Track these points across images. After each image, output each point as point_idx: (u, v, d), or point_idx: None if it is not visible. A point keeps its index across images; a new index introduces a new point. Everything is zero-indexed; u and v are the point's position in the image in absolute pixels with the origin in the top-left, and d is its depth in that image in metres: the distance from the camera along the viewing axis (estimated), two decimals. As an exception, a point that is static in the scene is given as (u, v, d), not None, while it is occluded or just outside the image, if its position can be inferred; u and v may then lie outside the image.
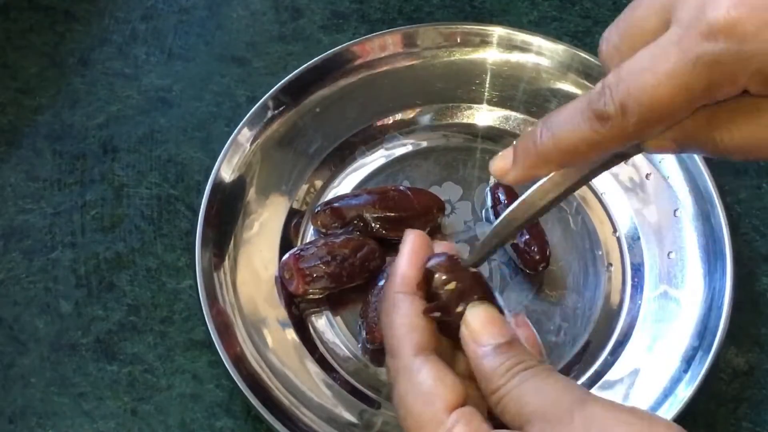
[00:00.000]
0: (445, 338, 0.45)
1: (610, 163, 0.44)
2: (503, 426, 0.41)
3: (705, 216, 0.64)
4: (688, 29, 0.38)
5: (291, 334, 0.61)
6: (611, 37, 0.42)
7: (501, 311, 0.44)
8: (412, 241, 0.45)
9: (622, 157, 0.44)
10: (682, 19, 0.39)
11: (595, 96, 0.40)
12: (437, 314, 0.44)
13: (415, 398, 0.41)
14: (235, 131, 0.65)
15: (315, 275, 0.61)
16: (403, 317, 0.43)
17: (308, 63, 0.68)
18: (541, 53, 0.70)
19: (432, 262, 0.45)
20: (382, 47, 0.69)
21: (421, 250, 0.45)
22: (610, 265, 0.65)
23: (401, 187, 0.65)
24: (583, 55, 0.69)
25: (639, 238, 0.65)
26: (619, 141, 0.41)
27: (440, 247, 0.47)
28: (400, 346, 0.43)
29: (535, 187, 0.46)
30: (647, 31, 0.40)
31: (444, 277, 0.44)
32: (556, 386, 0.40)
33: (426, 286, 0.44)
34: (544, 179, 0.45)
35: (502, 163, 0.44)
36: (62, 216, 0.66)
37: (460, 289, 0.44)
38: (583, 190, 0.67)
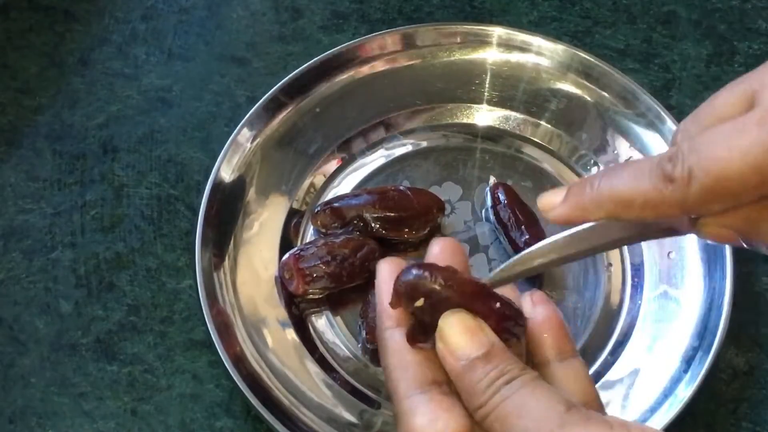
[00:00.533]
0: None
1: (654, 234, 0.43)
2: None
3: (705, 216, 0.63)
4: None
5: (291, 334, 0.61)
6: (688, 127, 0.42)
7: (503, 309, 0.42)
8: (385, 272, 0.44)
9: (671, 232, 0.42)
10: (766, 102, 0.38)
11: (665, 157, 0.39)
12: (424, 344, 0.42)
13: None
14: (235, 131, 0.65)
15: (315, 275, 0.61)
16: (392, 356, 0.42)
17: (308, 63, 0.68)
18: (541, 53, 0.70)
19: (398, 282, 0.42)
20: (382, 47, 0.69)
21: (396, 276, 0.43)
22: (610, 265, 0.64)
23: (401, 187, 0.65)
24: (583, 55, 0.69)
25: (639, 238, 0.65)
26: (677, 207, 0.39)
27: (437, 245, 0.45)
28: (394, 390, 0.42)
29: (568, 232, 0.44)
30: (727, 117, 0.40)
31: (411, 295, 0.41)
32: (539, 405, 0.39)
33: (402, 307, 0.42)
34: (582, 228, 0.43)
35: (551, 198, 0.43)
36: (62, 216, 0.66)
37: (431, 303, 0.41)
38: (583, 190, 0.67)
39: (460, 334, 0.41)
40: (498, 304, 0.42)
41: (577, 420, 0.38)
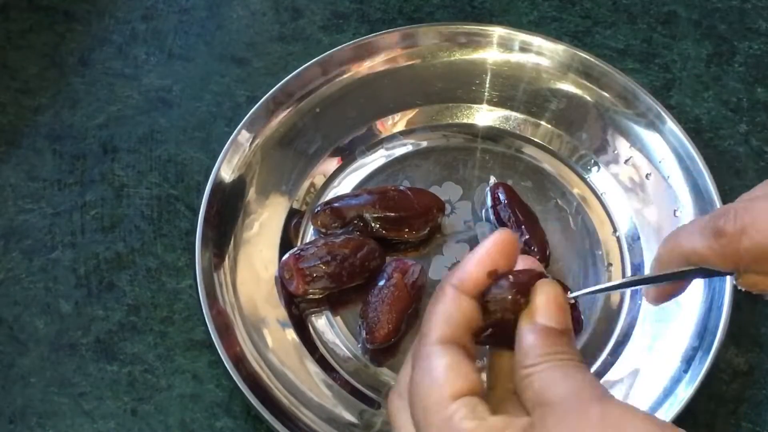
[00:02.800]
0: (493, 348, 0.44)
1: (705, 274, 0.46)
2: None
3: (705, 216, 0.63)
4: None
5: (291, 334, 0.61)
6: (742, 196, 0.46)
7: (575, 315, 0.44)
8: (495, 242, 0.43)
9: (712, 274, 0.46)
10: None
11: (719, 213, 0.43)
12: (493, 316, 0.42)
13: (424, 381, 0.41)
14: (235, 131, 0.65)
15: (315, 275, 0.61)
16: (443, 307, 0.42)
17: (308, 63, 0.68)
18: (541, 53, 0.70)
19: (489, 296, 0.43)
20: (382, 47, 0.69)
21: (500, 255, 0.43)
22: (610, 265, 0.64)
23: (401, 187, 0.65)
24: (583, 55, 0.69)
25: (639, 238, 0.65)
26: (725, 260, 0.44)
27: (524, 261, 0.45)
28: (429, 333, 0.42)
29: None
30: None
31: (491, 310, 0.43)
32: (584, 380, 0.40)
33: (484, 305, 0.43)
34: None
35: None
36: (62, 216, 0.66)
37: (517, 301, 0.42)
38: (583, 190, 0.67)
39: (549, 302, 0.42)
40: None
41: (617, 403, 0.39)
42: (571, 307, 0.43)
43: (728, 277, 0.60)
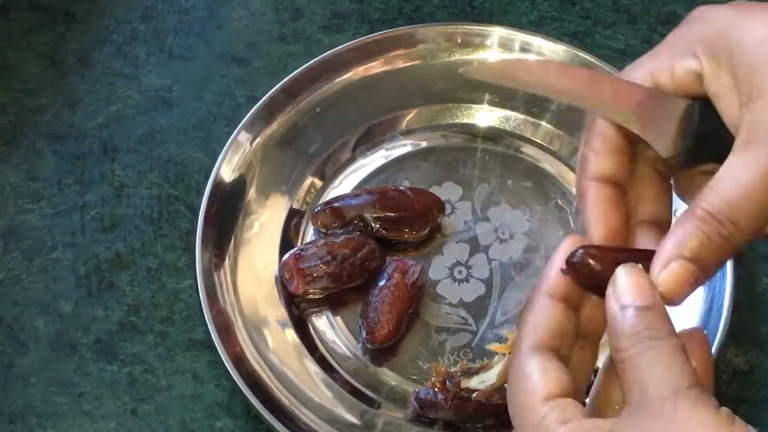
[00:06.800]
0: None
1: None
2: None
3: (705, 216, 0.63)
4: None
5: (291, 334, 0.61)
6: None
7: None
8: (569, 245, 0.45)
9: None
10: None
11: None
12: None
13: (519, 385, 0.43)
14: (235, 131, 0.65)
15: (315, 275, 0.61)
16: (532, 315, 0.44)
17: (308, 63, 0.68)
18: (541, 53, 0.70)
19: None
20: (382, 47, 0.69)
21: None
22: (611, 265, 0.64)
23: (401, 187, 0.65)
24: (583, 55, 0.69)
25: (639, 238, 0.64)
26: None
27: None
28: (520, 341, 0.44)
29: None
30: None
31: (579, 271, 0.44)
32: (665, 371, 0.41)
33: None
34: None
35: None
36: (62, 216, 0.66)
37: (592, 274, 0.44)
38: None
39: (630, 284, 0.43)
40: None
41: (690, 396, 0.40)
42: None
43: (728, 279, 0.60)
